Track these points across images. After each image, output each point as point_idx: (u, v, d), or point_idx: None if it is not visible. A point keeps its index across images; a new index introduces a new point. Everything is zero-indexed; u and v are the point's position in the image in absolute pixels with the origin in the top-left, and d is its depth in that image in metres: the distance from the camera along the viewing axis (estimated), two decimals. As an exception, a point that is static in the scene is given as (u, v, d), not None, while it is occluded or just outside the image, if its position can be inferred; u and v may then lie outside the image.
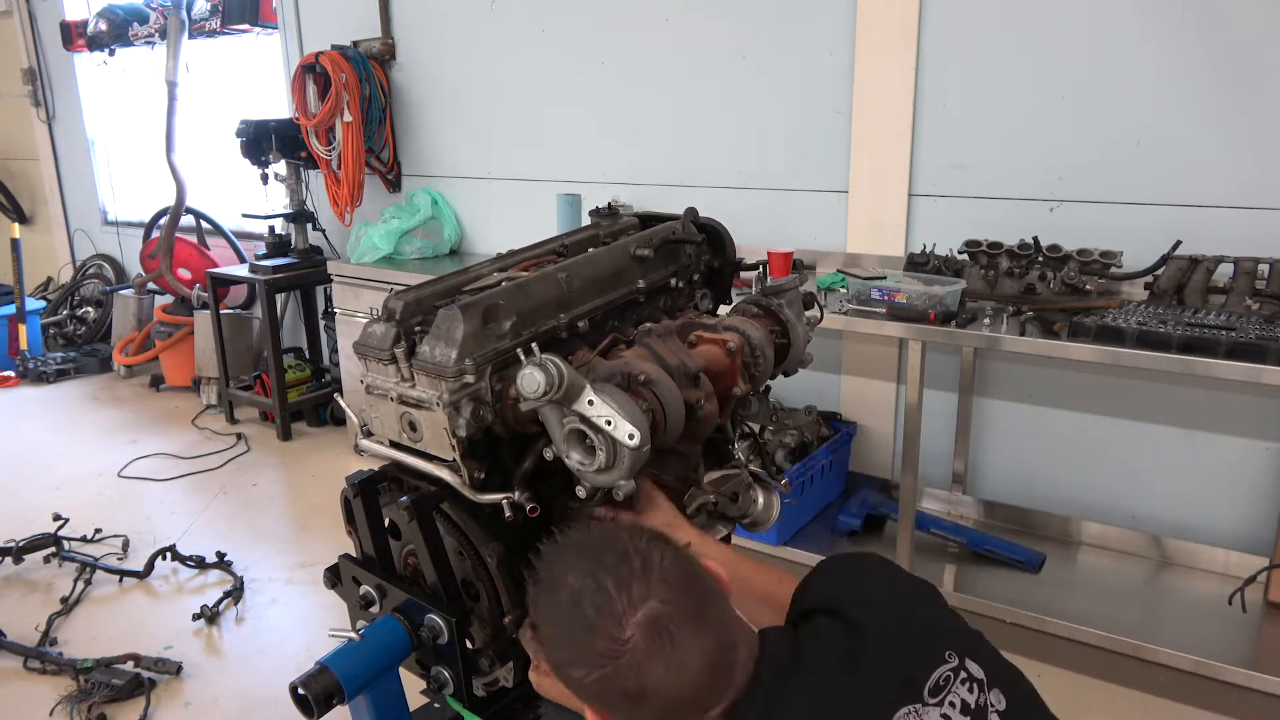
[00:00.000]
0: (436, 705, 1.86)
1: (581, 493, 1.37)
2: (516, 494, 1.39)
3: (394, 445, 1.50)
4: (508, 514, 1.40)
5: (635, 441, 1.24)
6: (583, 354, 1.54)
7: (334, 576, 1.65)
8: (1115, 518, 3.02)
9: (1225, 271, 2.58)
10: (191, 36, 5.34)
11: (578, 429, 1.27)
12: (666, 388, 1.37)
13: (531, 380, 1.22)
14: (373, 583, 1.57)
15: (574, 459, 1.30)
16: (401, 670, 1.55)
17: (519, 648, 1.54)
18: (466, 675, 1.48)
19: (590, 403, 1.25)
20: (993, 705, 1.13)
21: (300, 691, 1.38)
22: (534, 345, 1.27)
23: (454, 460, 1.40)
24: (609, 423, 1.24)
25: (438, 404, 1.35)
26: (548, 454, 1.35)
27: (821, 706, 1.10)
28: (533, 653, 1.36)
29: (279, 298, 5.17)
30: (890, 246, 3.24)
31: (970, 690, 1.13)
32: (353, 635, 1.46)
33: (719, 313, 2.04)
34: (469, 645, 1.51)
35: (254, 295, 5.51)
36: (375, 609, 1.57)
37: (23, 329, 6.21)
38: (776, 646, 1.16)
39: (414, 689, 1.58)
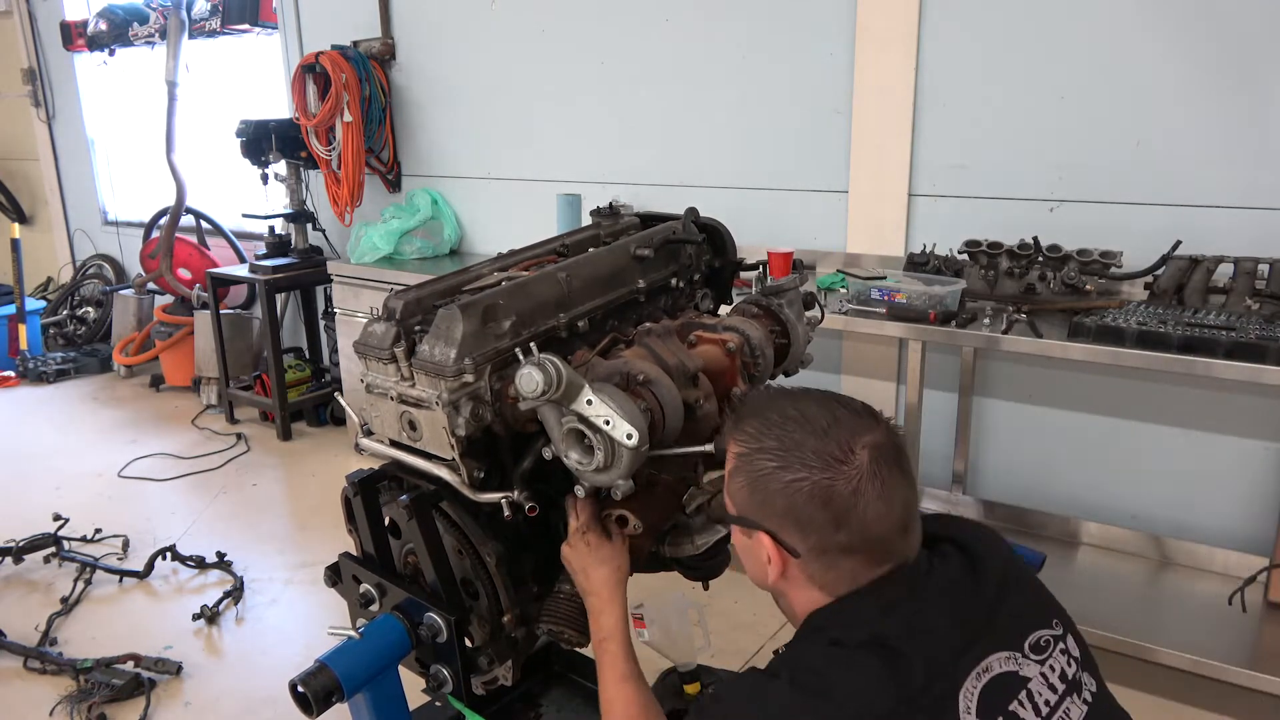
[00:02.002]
0: (437, 704, 1.86)
1: (580, 492, 1.37)
2: (516, 493, 1.39)
3: (394, 444, 1.50)
4: (506, 513, 1.40)
5: (633, 441, 1.24)
6: (582, 354, 1.54)
7: (334, 575, 1.65)
8: (1115, 518, 3.01)
9: (1225, 271, 2.58)
10: (191, 36, 5.35)
11: (576, 428, 1.27)
12: (665, 387, 1.38)
13: (530, 380, 1.23)
14: (372, 581, 1.57)
15: (572, 458, 1.30)
16: (401, 669, 1.56)
17: (518, 646, 1.54)
18: (466, 674, 1.49)
19: (589, 402, 1.25)
20: (1085, 685, 1.15)
21: (300, 689, 1.38)
22: (533, 345, 1.27)
23: (453, 459, 1.40)
24: (607, 422, 1.24)
25: (437, 403, 1.36)
26: (547, 453, 1.36)
27: (943, 607, 1.12)
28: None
29: (279, 298, 5.18)
30: (890, 246, 3.24)
31: (1069, 664, 1.15)
32: (352, 633, 1.47)
33: (720, 312, 2.04)
34: (468, 643, 1.52)
35: (254, 295, 5.51)
36: (375, 607, 1.57)
37: (23, 329, 6.21)
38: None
39: (415, 688, 1.58)
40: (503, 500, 1.39)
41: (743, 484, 1.17)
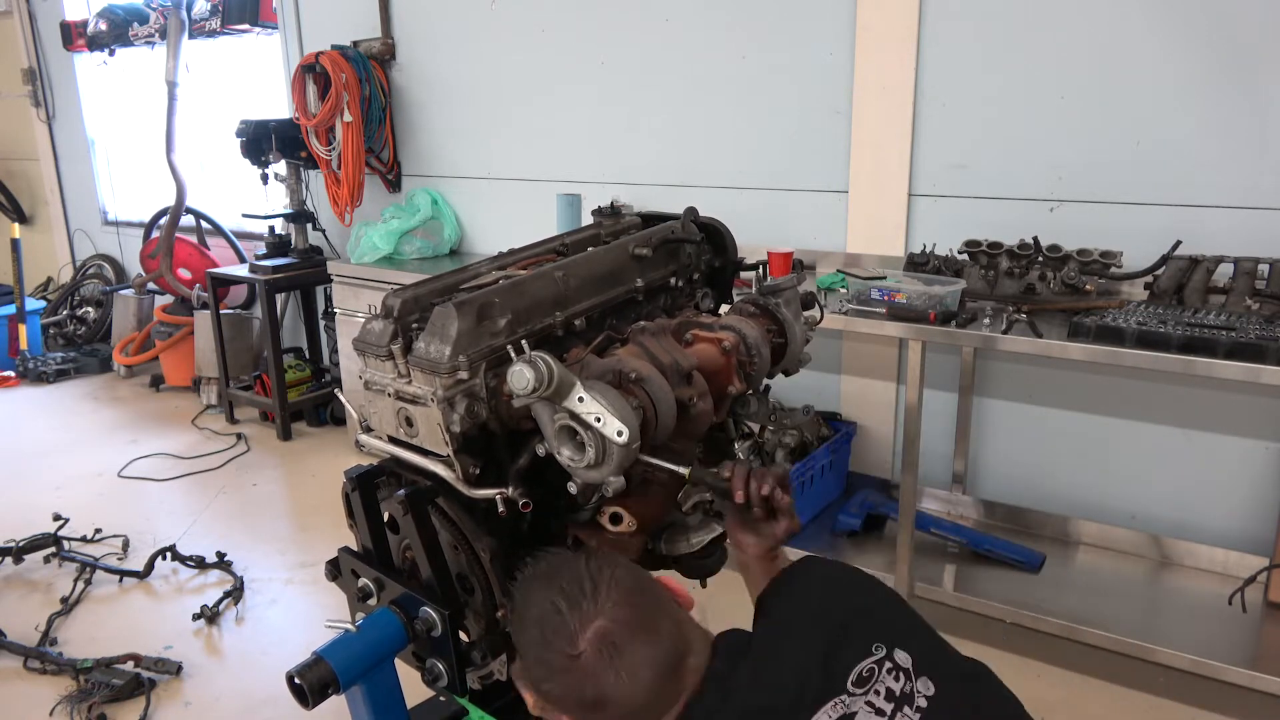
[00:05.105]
0: (441, 699, 1.87)
1: (573, 489, 1.37)
2: (510, 489, 1.39)
3: (392, 440, 1.51)
4: (501, 509, 1.40)
5: (624, 439, 1.24)
6: (577, 351, 1.54)
7: (334, 569, 1.66)
8: (1115, 518, 3.01)
9: (1225, 271, 2.58)
10: (191, 36, 5.35)
11: (568, 425, 1.28)
12: (657, 385, 1.38)
13: (521, 377, 1.23)
14: (370, 576, 1.57)
15: (565, 455, 1.31)
16: (400, 664, 1.56)
17: (512, 641, 1.54)
18: (460, 668, 1.49)
19: (580, 399, 1.26)
20: (919, 691, 1.19)
21: (296, 681, 1.39)
22: (525, 342, 1.27)
23: (448, 455, 1.41)
24: (598, 420, 1.25)
25: (432, 400, 1.36)
26: (540, 450, 1.36)
27: (743, 705, 1.18)
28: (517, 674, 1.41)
29: (279, 298, 5.18)
30: (890, 246, 3.24)
31: (896, 679, 1.19)
32: (349, 627, 1.47)
33: (720, 312, 2.04)
34: (464, 638, 1.52)
35: (254, 295, 5.51)
36: (373, 601, 1.58)
37: (23, 329, 6.22)
38: (725, 650, 1.26)
39: (419, 682, 1.58)
40: (497, 496, 1.39)
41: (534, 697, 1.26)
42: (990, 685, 1.26)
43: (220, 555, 3.44)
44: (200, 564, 3.41)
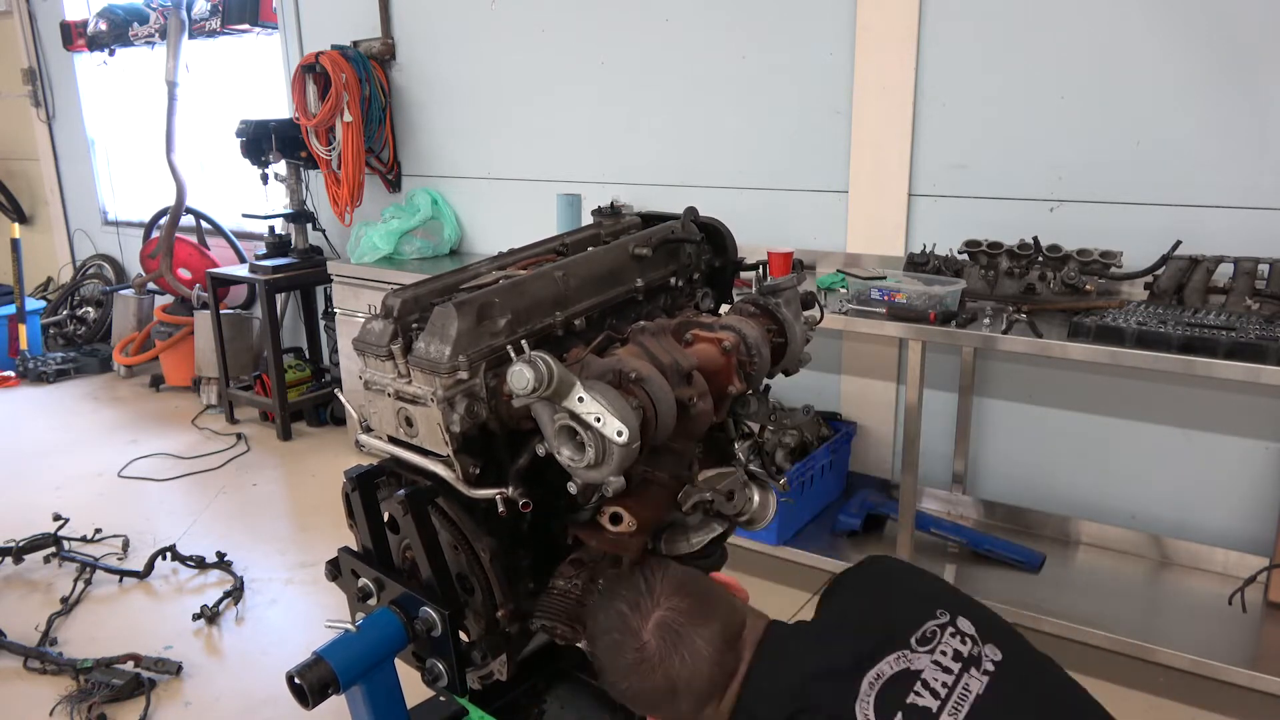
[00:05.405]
0: (441, 699, 1.87)
1: (573, 489, 1.37)
2: (510, 489, 1.39)
3: (392, 440, 1.51)
4: (501, 509, 1.40)
5: (624, 439, 1.24)
6: (577, 351, 1.54)
7: (334, 569, 1.66)
8: (1115, 518, 3.01)
9: (1225, 271, 2.57)
10: (191, 36, 5.35)
11: (568, 425, 1.28)
12: (657, 385, 1.37)
13: (520, 377, 1.23)
14: (370, 575, 1.57)
15: (564, 455, 1.30)
16: (400, 664, 1.56)
17: (511, 641, 1.54)
18: (460, 668, 1.49)
19: (580, 399, 1.26)
20: (987, 655, 1.26)
21: (296, 681, 1.39)
22: (524, 342, 1.27)
23: (448, 455, 1.41)
24: (598, 419, 1.25)
25: (432, 399, 1.36)
26: (540, 450, 1.36)
27: (806, 664, 1.27)
28: None
29: (279, 298, 5.18)
30: (890, 246, 3.24)
31: (962, 642, 1.27)
32: (349, 627, 1.47)
33: (720, 312, 2.04)
34: (464, 638, 1.52)
35: (254, 295, 5.51)
36: (373, 601, 1.58)
37: (23, 329, 6.22)
38: (780, 626, 1.37)
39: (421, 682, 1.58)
40: (497, 496, 1.39)
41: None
42: (1052, 664, 1.32)
43: (220, 555, 3.44)
44: (200, 564, 3.41)
